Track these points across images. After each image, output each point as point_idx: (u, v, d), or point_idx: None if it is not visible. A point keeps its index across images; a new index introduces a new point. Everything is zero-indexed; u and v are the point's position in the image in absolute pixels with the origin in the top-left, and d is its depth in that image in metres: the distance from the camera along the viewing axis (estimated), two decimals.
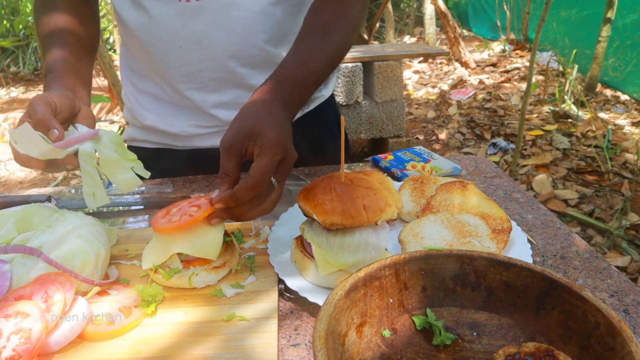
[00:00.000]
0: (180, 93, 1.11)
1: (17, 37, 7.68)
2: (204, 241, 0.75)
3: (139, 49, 1.10)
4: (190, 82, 1.09)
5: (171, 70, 1.08)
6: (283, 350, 0.66)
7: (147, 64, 1.12)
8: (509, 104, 4.92)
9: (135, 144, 1.26)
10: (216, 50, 1.06)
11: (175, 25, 1.03)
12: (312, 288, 0.74)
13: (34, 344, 0.60)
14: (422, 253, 0.62)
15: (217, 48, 1.05)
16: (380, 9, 6.18)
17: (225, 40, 1.05)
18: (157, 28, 1.04)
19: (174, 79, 1.10)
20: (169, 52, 1.06)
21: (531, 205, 1.00)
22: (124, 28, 1.10)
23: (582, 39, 5.49)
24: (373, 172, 0.96)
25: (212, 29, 1.03)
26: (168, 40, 1.05)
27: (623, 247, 2.55)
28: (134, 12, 1.05)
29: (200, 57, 1.06)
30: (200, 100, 1.12)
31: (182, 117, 1.15)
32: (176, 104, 1.14)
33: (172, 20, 1.03)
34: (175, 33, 1.04)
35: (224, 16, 1.03)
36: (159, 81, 1.13)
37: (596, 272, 0.79)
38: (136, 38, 1.08)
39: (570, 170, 3.40)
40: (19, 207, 0.83)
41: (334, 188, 0.74)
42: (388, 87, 3.72)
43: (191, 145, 1.19)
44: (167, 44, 1.06)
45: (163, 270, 0.76)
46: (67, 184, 3.84)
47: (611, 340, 0.51)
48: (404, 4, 10.42)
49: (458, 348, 0.59)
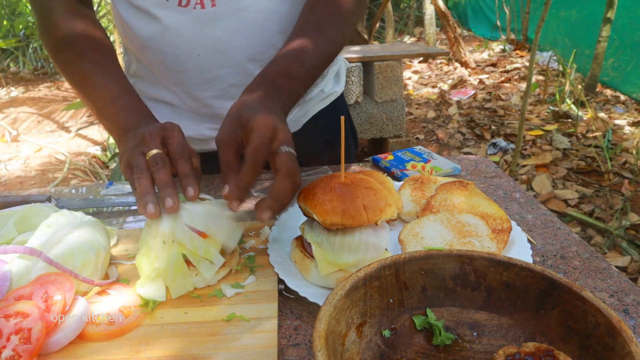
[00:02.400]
0: (199, 100, 1.10)
1: (17, 37, 7.68)
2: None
3: (150, 58, 1.08)
4: (210, 89, 1.08)
5: (189, 78, 1.07)
6: (283, 350, 0.66)
7: (160, 72, 1.10)
8: (509, 104, 4.92)
9: None
10: (235, 55, 1.05)
11: (191, 33, 1.02)
12: (312, 288, 0.74)
13: (34, 344, 0.60)
14: (422, 253, 0.62)
15: (235, 53, 1.05)
16: (380, 9, 6.18)
17: (244, 44, 1.04)
18: (172, 37, 1.02)
19: (192, 87, 1.08)
20: (186, 61, 1.05)
21: (531, 205, 1.00)
22: (133, 38, 1.07)
23: (582, 39, 5.49)
24: (373, 172, 0.96)
25: (229, 34, 1.03)
26: (184, 49, 1.03)
27: (623, 247, 2.55)
28: (145, 22, 1.02)
29: (219, 63, 1.05)
30: (220, 107, 1.10)
31: (199, 120, 1.14)
32: (194, 111, 1.13)
33: (187, 28, 1.01)
34: (192, 41, 1.02)
35: (239, 20, 1.02)
36: (176, 89, 1.11)
37: (596, 272, 0.79)
38: (147, 47, 1.05)
39: (570, 170, 3.40)
40: (19, 207, 0.83)
41: (334, 188, 0.74)
42: (388, 87, 3.72)
43: (208, 148, 1.16)
44: (183, 52, 1.04)
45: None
46: (67, 184, 3.84)
47: (611, 340, 0.51)
48: (404, 4, 10.42)
49: (458, 348, 0.59)
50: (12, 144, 4.89)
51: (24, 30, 7.55)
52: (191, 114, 1.14)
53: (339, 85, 1.28)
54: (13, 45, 7.62)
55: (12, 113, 5.58)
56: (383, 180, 0.93)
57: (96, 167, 4.08)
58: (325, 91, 1.25)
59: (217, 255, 0.75)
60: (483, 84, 5.73)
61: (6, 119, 5.37)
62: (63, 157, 4.38)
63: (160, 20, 1.01)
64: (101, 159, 4.28)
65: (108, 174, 3.92)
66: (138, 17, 1.03)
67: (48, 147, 4.67)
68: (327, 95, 1.25)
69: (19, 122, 5.38)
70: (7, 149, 4.77)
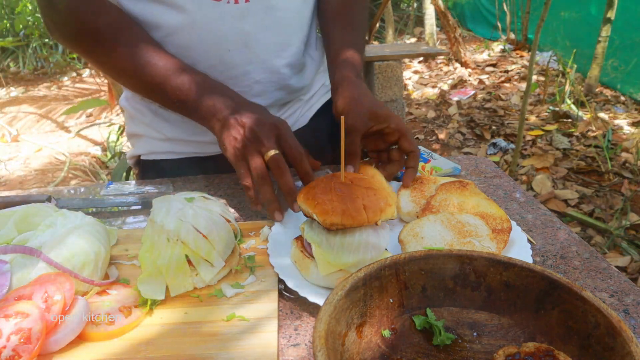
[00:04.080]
0: None
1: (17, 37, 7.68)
2: None
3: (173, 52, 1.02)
4: (236, 85, 1.05)
5: (215, 74, 1.03)
6: (283, 350, 0.66)
7: None
8: (509, 104, 4.92)
9: (156, 157, 1.21)
10: (263, 51, 1.06)
11: (221, 27, 1.01)
12: (312, 288, 0.74)
13: (34, 344, 0.60)
14: (422, 253, 0.62)
15: (263, 49, 1.06)
16: (380, 9, 6.18)
17: (272, 41, 1.06)
18: (201, 31, 1.00)
19: None
20: (213, 56, 1.03)
21: (531, 205, 1.00)
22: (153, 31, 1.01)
23: (582, 39, 5.49)
24: (362, 167, 0.97)
25: (258, 30, 1.03)
26: (213, 44, 1.02)
27: (623, 247, 2.55)
28: (167, 16, 0.99)
29: (247, 59, 1.06)
30: None
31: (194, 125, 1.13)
32: None
33: (217, 22, 1.00)
34: (222, 36, 1.02)
35: (268, 17, 1.03)
36: None
37: (596, 272, 0.79)
38: (166, 43, 1.02)
39: (570, 170, 3.40)
40: (19, 207, 0.83)
41: (334, 188, 0.74)
42: (388, 87, 3.72)
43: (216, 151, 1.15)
44: (211, 47, 1.03)
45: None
46: (67, 184, 3.84)
47: (611, 340, 0.51)
48: (404, 4, 10.42)
49: (458, 348, 0.59)
50: (12, 144, 4.89)
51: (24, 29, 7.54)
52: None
53: None
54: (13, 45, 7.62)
55: (12, 113, 5.58)
56: (373, 173, 0.94)
57: (96, 167, 4.08)
58: (327, 84, 1.26)
59: (218, 259, 0.75)
60: (483, 84, 5.73)
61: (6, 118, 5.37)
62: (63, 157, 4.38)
63: (190, 13, 0.98)
64: (101, 159, 4.28)
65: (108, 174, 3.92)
66: (162, 11, 0.98)
67: (48, 147, 4.67)
68: (329, 89, 1.26)
69: (19, 122, 5.38)
70: (7, 149, 4.77)
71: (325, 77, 1.30)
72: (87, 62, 1.02)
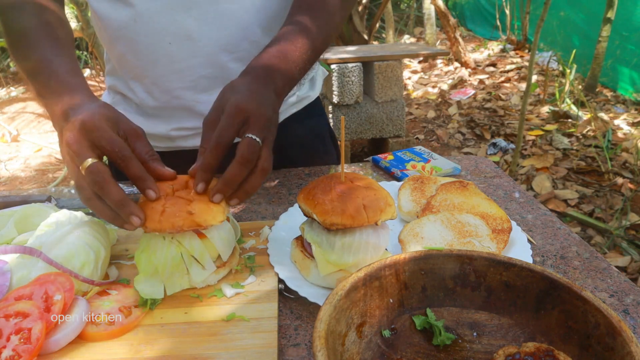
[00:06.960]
0: (169, 92, 1.09)
1: None
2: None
3: (121, 49, 1.07)
4: (181, 80, 1.06)
5: (159, 68, 1.05)
6: (283, 350, 0.66)
7: (132, 63, 1.08)
8: (509, 104, 4.92)
9: None
10: (207, 45, 1.04)
11: (163, 20, 1.01)
12: (312, 288, 0.74)
13: (33, 344, 0.60)
14: (422, 253, 0.62)
15: (208, 43, 1.04)
16: (380, 9, 6.18)
17: (217, 35, 1.03)
18: (144, 24, 1.01)
19: (163, 78, 1.07)
20: (157, 50, 1.04)
21: (531, 205, 1.00)
22: (105, 30, 1.06)
23: (582, 39, 5.49)
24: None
25: (202, 23, 1.02)
26: (156, 37, 1.02)
27: (623, 247, 2.55)
28: (116, 11, 1.02)
29: (190, 53, 1.04)
30: (190, 99, 1.09)
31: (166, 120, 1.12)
32: (162, 105, 1.11)
33: (160, 15, 1.00)
34: (164, 28, 1.01)
35: (214, 9, 1.01)
36: (146, 81, 1.09)
37: (596, 272, 0.79)
38: (119, 37, 1.04)
39: (570, 170, 3.40)
40: (19, 207, 0.83)
41: (334, 188, 0.74)
42: (388, 87, 3.72)
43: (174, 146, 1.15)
44: (155, 40, 1.03)
45: None
46: (67, 184, 3.84)
47: (611, 340, 0.51)
48: (404, 4, 10.42)
49: (458, 348, 0.59)
50: (12, 144, 4.89)
51: None
52: (158, 108, 1.12)
53: (313, 90, 1.27)
54: None
55: (12, 113, 5.58)
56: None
57: None
58: (300, 95, 1.24)
59: (210, 262, 0.75)
60: (483, 84, 5.73)
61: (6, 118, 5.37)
62: None
63: (134, 7, 1.00)
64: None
65: None
66: (110, 7, 1.02)
67: (48, 147, 4.67)
68: (300, 99, 1.24)
69: (19, 121, 5.38)
70: (7, 149, 4.77)
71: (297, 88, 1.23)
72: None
